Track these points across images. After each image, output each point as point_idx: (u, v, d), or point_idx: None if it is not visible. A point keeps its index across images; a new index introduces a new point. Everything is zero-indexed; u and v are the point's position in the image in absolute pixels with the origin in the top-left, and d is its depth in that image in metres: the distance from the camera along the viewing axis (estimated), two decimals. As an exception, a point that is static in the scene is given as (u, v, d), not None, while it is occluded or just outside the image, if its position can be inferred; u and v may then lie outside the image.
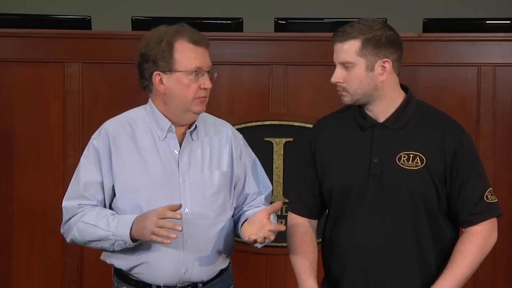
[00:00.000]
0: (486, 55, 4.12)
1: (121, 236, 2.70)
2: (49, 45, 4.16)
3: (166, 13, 5.35)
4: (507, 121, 4.12)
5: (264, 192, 2.95)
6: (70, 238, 2.82)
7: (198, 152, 2.82)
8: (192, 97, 2.75)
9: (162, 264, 2.76)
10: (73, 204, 2.79)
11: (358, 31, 2.63)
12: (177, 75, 2.74)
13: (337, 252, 2.74)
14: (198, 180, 2.79)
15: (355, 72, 2.64)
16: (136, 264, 2.78)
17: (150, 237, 2.64)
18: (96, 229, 2.73)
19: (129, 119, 2.84)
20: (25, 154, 4.14)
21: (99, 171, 2.78)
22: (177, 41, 2.74)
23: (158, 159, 2.79)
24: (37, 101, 4.16)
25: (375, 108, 2.69)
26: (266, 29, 4.61)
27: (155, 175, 2.77)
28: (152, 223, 2.63)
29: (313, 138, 2.81)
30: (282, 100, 4.14)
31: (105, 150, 2.79)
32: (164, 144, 2.80)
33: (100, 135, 2.81)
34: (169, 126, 2.80)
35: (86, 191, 2.78)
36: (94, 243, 2.77)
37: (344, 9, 6.29)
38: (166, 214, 2.62)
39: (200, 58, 2.75)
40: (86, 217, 2.76)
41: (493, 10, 6.27)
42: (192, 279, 2.80)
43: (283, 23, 4.41)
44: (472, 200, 2.66)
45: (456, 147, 2.65)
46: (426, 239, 2.67)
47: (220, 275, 2.88)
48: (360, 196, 2.68)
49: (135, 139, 2.80)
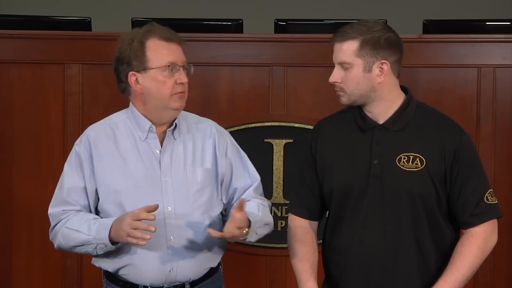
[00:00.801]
0: (486, 56, 4.12)
1: (101, 239, 2.72)
2: (49, 47, 4.17)
3: (166, 14, 5.36)
4: (507, 122, 4.12)
5: (252, 185, 2.94)
6: (56, 244, 2.85)
7: (180, 150, 2.83)
8: (169, 93, 2.75)
9: (147, 264, 2.76)
10: (58, 211, 2.82)
11: (357, 31, 2.63)
12: (152, 73, 2.75)
13: (337, 254, 2.74)
14: (180, 178, 2.80)
15: (353, 73, 2.65)
16: (122, 265, 2.79)
17: (126, 239, 2.65)
18: (79, 234, 2.76)
19: (111, 123, 2.87)
20: (25, 155, 4.14)
21: (81, 176, 2.81)
22: (148, 40, 2.75)
23: (140, 160, 2.80)
24: (37, 102, 4.16)
25: (374, 110, 2.69)
26: (266, 31, 4.61)
27: (136, 176, 2.78)
28: (127, 225, 2.64)
29: (313, 140, 2.81)
30: (282, 101, 4.14)
31: (86, 155, 2.82)
32: (146, 144, 2.81)
33: (82, 141, 2.85)
34: (149, 126, 2.81)
35: (69, 196, 2.81)
36: (79, 248, 2.79)
37: (344, 10, 6.30)
38: (140, 216, 2.63)
39: (173, 54, 2.76)
40: (69, 222, 2.79)
41: (493, 11, 6.28)
42: (179, 278, 2.79)
43: (283, 24, 4.41)
44: (472, 201, 2.66)
45: (456, 149, 2.65)
46: (426, 241, 2.67)
47: (210, 276, 2.87)
48: (360, 197, 2.68)
49: (116, 142, 2.82)
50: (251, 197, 2.90)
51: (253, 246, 4.07)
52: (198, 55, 4.11)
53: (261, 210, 2.85)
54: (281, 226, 4.10)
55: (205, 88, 4.15)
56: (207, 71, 4.15)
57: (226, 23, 4.46)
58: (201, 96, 4.12)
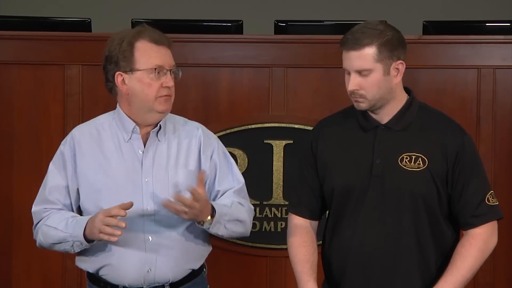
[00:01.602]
0: (486, 57, 4.12)
1: (76, 237, 2.74)
2: (49, 47, 4.16)
3: (166, 15, 5.36)
4: (507, 123, 4.12)
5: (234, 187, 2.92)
6: (38, 242, 2.88)
7: (163, 152, 2.83)
8: (154, 96, 2.76)
9: (125, 264, 2.77)
10: (40, 209, 2.86)
11: (370, 36, 2.62)
12: (138, 74, 2.76)
13: (338, 253, 2.74)
14: (161, 179, 2.80)
15: (373, 78, 2.63)
16: (101, 266, 2.81)
17: (98, 235, 2.67)
18: (56, 231, 2.78)
19: (97, 123, 2.89)
20: (25, 156, 4.14)
21: (64, 175, 2.84)
22: (138, 41, 2.76)
23: (122, 160, 2.81)
24: (37, 103, 4.16)
25: (382, 111, 2.69)
26: (266, 32, 4.61)
27: (117, 175, 2.80)
28: (99, 222, 2.66)
29: (314, 139, 2.80)
30: (282, 102, 4.14)
31: (70, 154, 2.84)
32: (129, 145, 2.83)
33: (67, 140, 2.88)
34: (133, 127, 2.82)
35: (51, 195, 2.84)
36: (58, 246, 2.81)
37: (344, 11, 6.30)
38: (111, 212, 2.65)
39: (161, 57, 2.76)
40: (49, 220, 2.82)
41: (493, 12, 6.27)
42: (157, 279, 2.79)
43: (283, 25, 4.41)
44: (473, 202, 2.66)
45: (458, 150, 2.65)
46: (427, 241, 2.67)
47: (191, 279, 2.86)
48: (361, 197, 2.68)
49: (100, 142, 2.84)
50: (230, 197, 2.88)
51: (253, 247, 4.07)
52: (198, 56, 4.11)
53: (234, 206, 2.83)
54: (281, 227, 4.10)
55: (205, 89, 4.15)
56: (207, 72, 4.15)
57: (226, 24, 4.46)
58: (201, 97, 4.12)
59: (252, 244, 4.05)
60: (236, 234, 2.87)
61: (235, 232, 2.85)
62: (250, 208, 2.93)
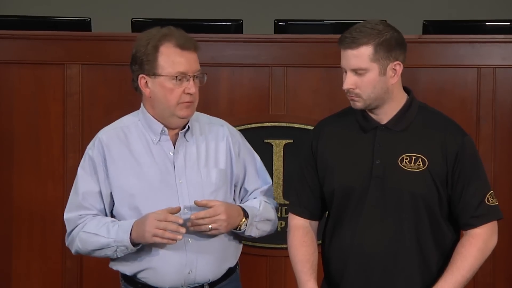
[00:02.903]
0: (486, 57, 4.12)
1: (121, 241, 2.72)
2: (49, 47, 4.16)
3: (166, 14, 5.36)
4: (507, 123, 4.11)
5: (262, 187, 2.95)
6: (74, 249, 2.85)
7: (193, 152, 2.83)
8: (175, 102, 2.75)
9: (166, 267, 2.76)
10: (74, 215, 2.82)
11: (368, 36, 2.61)
12: (161, 79, 2.74)
13: (338, 254, 2.74)
14: (195, 179, 2.80)
15: (368, 78, 2.63)
16: (140, 269, 2.79)
17: (152, 239, 2.65)
18: (98, 237, 2.75)
19: (123, 126, 2.86)
20: (25, 156, 4.14)
21: (96, 180, 2.81)
22: (162, 45, 2.74)
23: (153, 162, 2.80)
24: (37, 103, 4.16)
25: (381, 111, 2.69)
26: (266, 31, 4.61)
27: (151, 179, 2.78)
28: (152, 226, 2.65)
29: (314, 140, 2.80)
30: (282, 102, 4.14)
31: (100, 159, 2.81)
32: (159, 147, 2.81)
33: (95, 144, 2.84)
34: (161, 129, 2.81)
35: (85, 201, 2.80)
36: (98, 252, 2.78)
37: (344, 11, 6.30)
38: (168, 218, 2.64)
39: (184, 63, 2.74)
40: (87, 227, 2.78)
41: (493, 11, 6.27)
42: (198, 280, 2.80)
43: (283, 25, 4.41)
44: (473, 203, 2.66)
45: (458, 150, 2.65)
46: (427, 242, 2.67)
47: (228, 277, 2.87)
48: (362, 198, 2.68)
49: (129, 145, 2.82)
50: (257, 197, 2.91)
51: (253, 247, 4.07)
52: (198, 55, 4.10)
53: (262, 206, 2.86)
54: (281, 227, 4.09)
55: (205, 89, 4.10)
56: (207, 71, 4.09)
57: (226, 23, 4.46)
58: (201, 97, 4.06)
59: (252, 244, 4.04)
60: (266, 233, 2.89)
61: (265, 231, 2.88)
62: (275, 205, 2.97)
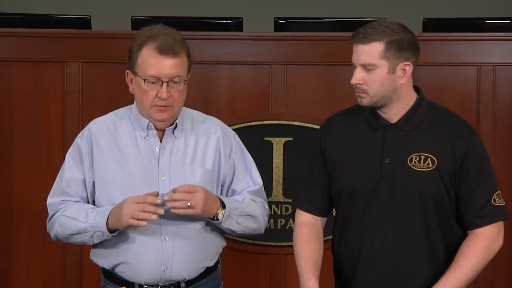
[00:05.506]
0: (485, 54, 4.12)
1: (98, 227, 2.74)
2: (49, 45, 4.16)
3: (166, 12, 5.36)
4: (507, 121, 4.12)
5: (250, 188, 2.92)
6: (53, 233, 2.87)
7: (180, 149, 2.83)
8: (149, 104, 2.76)
9: (141, 263, 2.77)
10: (56, 201, 2.84)
11: (381, 33, 2.61)
12: (138, 79, 2.76)
13: (348, 253, 2.74)
14: (178, 177, 2.79)
15: (377, 74, 2.63)
16: (117, 263, 2.80)
17: (128, 221, 2.67)
18: (75, 221, 2.77)
19: (114, 119, 2.88)
20: (24, 154, 4.14)
21: (81, 169, 2.83)
22: (145, 46, 2.74)
23: (139, 157, 2.80)
24: (37, 101, 4.16)
25: (390, 110, 2.68)
26: (266, 29, 4.61)
27: (134, 173, 2.79)
28: (130, 208, 2.66)
29: (323, 137, 2.80)
30: (282, 99, 4.14)
31: (87, 148, 2.83)
32: (146, 142, 2.82)
33: (84, 134, 2.86)
34: (147, 124, 2.81)
35: (69, 187, 2.83)
36: (75, 237, 2.80)
37: (344, 8, 6.29)
38: (146, 199, 2.66)
39: (158, 68, 2.72)
40: (67, 211, 2.81)
41: (493, 9, 6.27)
42: (173, 277, 2.79)
43: (283, 22, 4.41)
44: (480, 202, 2.66)
45: (467, 149, 2.65)
46: (437, 240, 2.67)
47: (206, 276, 2.86)
48: (371, 197, 2.67)
49: (118, 138, 2.83)
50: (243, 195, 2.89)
51: (253, 245, 4.07)
52: (198, 53, 4.10)
53: (245, 201, 2.84)
54: (281, 225, 4.10)
55: (205, 87, 4.15)
56: (207, 69, 4.15)
57: (226, 21, 4.46)
58: (200, 95, 4.12)
59: (252, 242, 4.04)
60: (250, 230, 2.87)
61: (248, 227, 2.85)
62: (265, 207, 2.93)
